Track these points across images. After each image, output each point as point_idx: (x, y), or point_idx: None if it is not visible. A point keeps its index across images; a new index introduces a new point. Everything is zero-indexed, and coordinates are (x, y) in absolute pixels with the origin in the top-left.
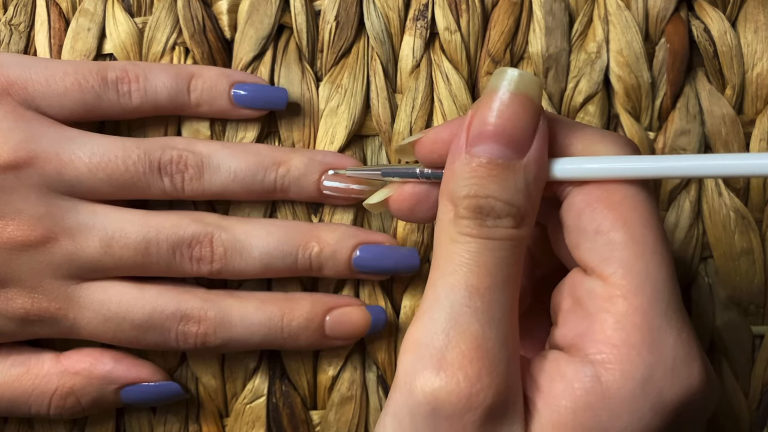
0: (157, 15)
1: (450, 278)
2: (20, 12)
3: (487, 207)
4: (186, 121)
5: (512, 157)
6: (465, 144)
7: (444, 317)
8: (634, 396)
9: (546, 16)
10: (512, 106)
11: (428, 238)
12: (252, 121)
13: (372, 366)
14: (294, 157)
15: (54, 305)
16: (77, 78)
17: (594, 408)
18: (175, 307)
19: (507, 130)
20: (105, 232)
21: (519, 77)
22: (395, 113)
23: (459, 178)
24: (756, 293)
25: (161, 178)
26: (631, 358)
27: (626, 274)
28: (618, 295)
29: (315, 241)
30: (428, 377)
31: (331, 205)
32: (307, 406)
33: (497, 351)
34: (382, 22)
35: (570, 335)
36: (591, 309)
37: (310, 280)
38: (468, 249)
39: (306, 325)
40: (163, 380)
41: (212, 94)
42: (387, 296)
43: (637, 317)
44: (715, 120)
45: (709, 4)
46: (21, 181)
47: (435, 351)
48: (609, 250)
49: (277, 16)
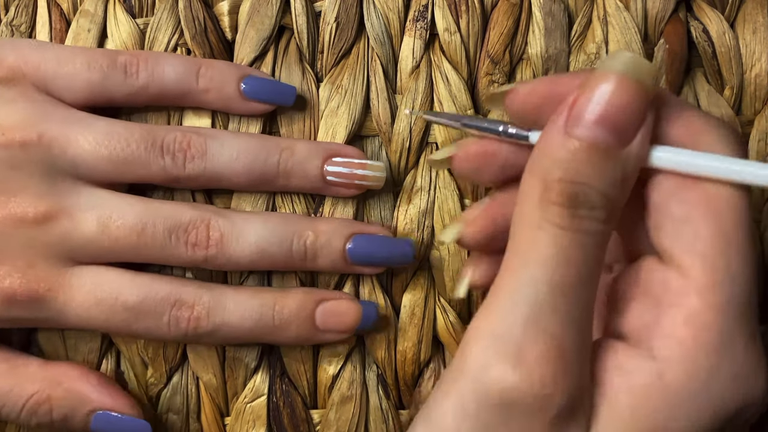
0: (158, 16)
1: (533, 270)
2: (21, 13)
3: (582, 195)
4: (186, 118)
5: (615, 145)
6: (566, 122)
7: (524, 311)
8: (696, 398)
9: (545, 17)
10: (623, 91)
11: (428, 238)
12: (253, 120)
13: (372, 365)
14: (298, 143)
15: (44, 286)
16: (87, 59)
17: (653, 406)
18: (169, 291)
19: (614, 116)
20: (103, 211)
21: (634, 63)
22: (395, 114)
23: (554, 158)
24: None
25: (162, 156)
26: (697, 359)
27: (707, 270)
28: (694, 289)
29: (310, 230)
30: (504, 371)
31: (331, 202)
32: (308, 405)
33: (574, 352)
34: (382, 23)
35: (634, 325)
36: (662, 300)
37: (309, 276)
38: (556, 241)
39: (297, 313)
40: (138, 417)
41: (221, 82)
42: (386, 294)
43: (710, 316)
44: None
45: (708, 5)
46: (28, 159)
47: (513, 346)
48: (693, 241)
49: (277, 17)
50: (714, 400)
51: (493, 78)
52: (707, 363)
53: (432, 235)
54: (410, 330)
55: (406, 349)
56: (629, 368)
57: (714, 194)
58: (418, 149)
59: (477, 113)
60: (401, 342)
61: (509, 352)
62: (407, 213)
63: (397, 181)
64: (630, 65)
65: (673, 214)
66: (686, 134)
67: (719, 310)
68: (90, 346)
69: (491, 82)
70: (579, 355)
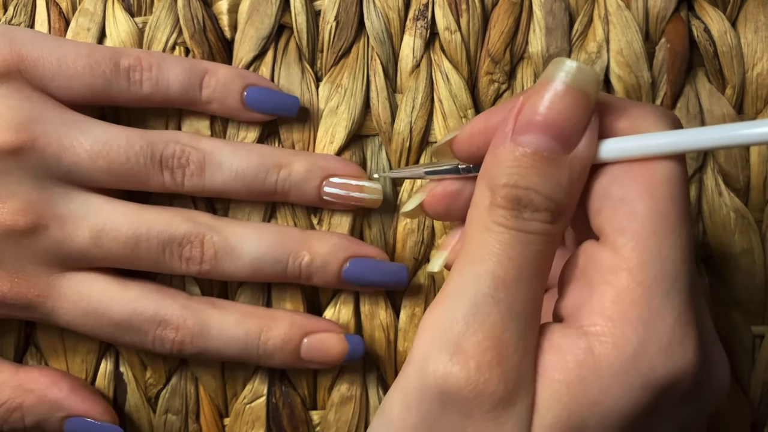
0: (157, 15)
1: (477, 266)
2: (20, 12)
3: (526, 199)
4: (186, 120)
5: (559, 151)
6: (511, 131)
7: (466, 304)
8: (625, 370)
9: (546, 16)
10: (566, 99)
11: (428, 238)
12: (253, 125)
13: (372, 366)
14: (296, 161)
15: (33, 292)
16: (89, 61)
17: (586, 381)
18: (155, 311)
19: (557, 123)
20: (96, 222)
21: (577, 70)
22: (395, 113)
23: (501, 165)
24: (756, 293)
25: (161, 172)
26: (625, 333)
27: (637, 247)
28: (623, 267)
29: (306, 251)
30: (441, 361)
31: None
32: (307, 406)
33: (513, 343)
34: (382, 22)
35: (571, 306)
36: (593, 280)
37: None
38: (500, 239)
39: (282, 346)
40: (111, 423)
41: (224, 93)
42: (387, 299)
43: (637, 292)
44: (716, 120)
45: (710, 4)
46: (18, 164)
47: (452, 336)
48: (628, 220)
49: (277, 16)
50: (642, 371)
51: (493, 77)
52: (635, 337)
53: (432, 236)
54: (410, 331)
55: (406, 349)
56: (563, 346)
57: (651, 171)
58: (418, 149)
59: (477, 113)
60: (401, 343)
61: (449, 343)
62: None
63: (398, 181)
64: (572, 72)
65: (612, 195)
66: (628, 125)
67: (647, 287)
68: (89, 346)
69: (492, 81)
70: (519, 345)
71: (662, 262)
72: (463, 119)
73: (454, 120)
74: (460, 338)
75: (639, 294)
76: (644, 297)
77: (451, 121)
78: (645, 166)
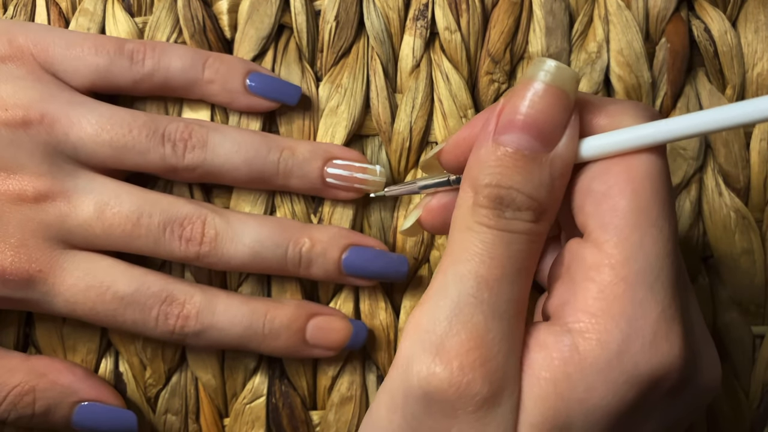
0: (157, 15)
1: (460, 267)
2: (20, 12)
3: (508, 198)
4: (186, 111)
5: (539, 149)
6: (493, 131)
7: (449, 305)
8: (609, 367)
9: (546, 16)
10: (546, 98)
11: (428, 238)
12: (253, 118)
13: (372, 366)
14: (300, 144)
15: (35, 267)
16: (95, 43)
17: (572, 379)
18: (162, 286)
19: (537, 121)
20: (101, 197)
21: (556, 69)
22: (395, 113)
23: (483, 165)
24: (756, 293)
25: (162, 144)
26: (608, 329)
27: (619, 243)
28: (606, 264)
29: (307, 238)
30: (425, 362)
31: (331, 204)
32: (307, 407)
33: (497, 343)
34: (382, 21)
35: (556, 304)
36: (577, 276)
37: (310, 280)
38: (482, 239)
39: (288, 324)
40: (121, 407)
41: (227, 73)
42: (387, 297)
43: (620, 288)
44: None
45: (710, 4)
46: (29, 138)
47: (435, 337)
48: (610, 216)
49: (277, 15)
50: (626, 367)
51: (493, 77)
52: (618, 333)
53: (432, 235)
54: None
55: None
56: (548, 344)
57: (632, 166)
58: (418, 148)
59: (478, 113)
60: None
61: (432, 344)
62: (408, 212)
63: (398, 180)
64: (552, 72)
65: (595, 191)
66: (608, 122)
67: (630, 282)
68: (88, 346)
69: (492, 81)
70: (503, 346)
71: (645, 257)
72: (463, 119)
73: (454, 120)
74: (443, 339)
75: (622, 289)
76: (627, 292)
77: (451, 121)
78: (626, 161)
